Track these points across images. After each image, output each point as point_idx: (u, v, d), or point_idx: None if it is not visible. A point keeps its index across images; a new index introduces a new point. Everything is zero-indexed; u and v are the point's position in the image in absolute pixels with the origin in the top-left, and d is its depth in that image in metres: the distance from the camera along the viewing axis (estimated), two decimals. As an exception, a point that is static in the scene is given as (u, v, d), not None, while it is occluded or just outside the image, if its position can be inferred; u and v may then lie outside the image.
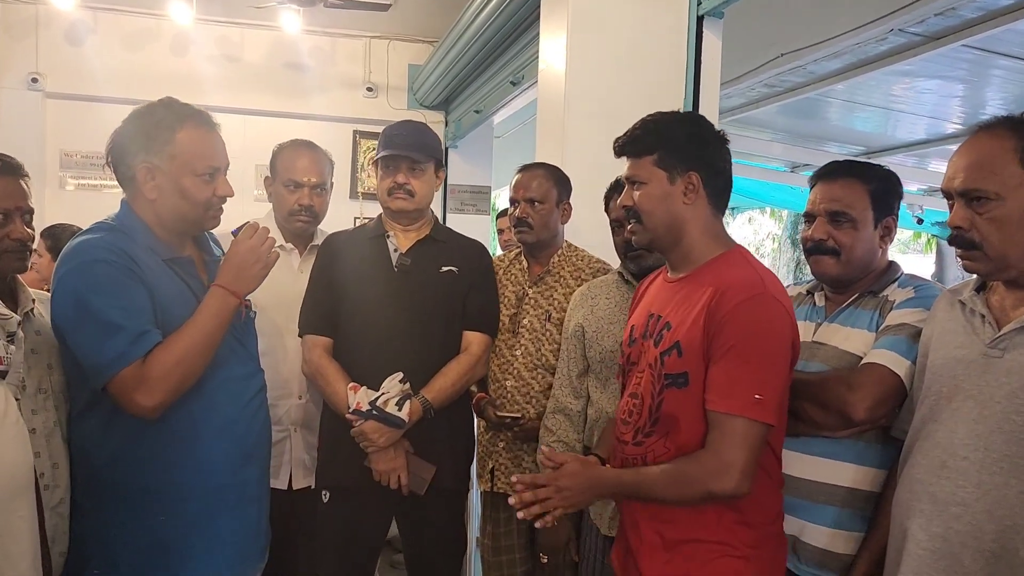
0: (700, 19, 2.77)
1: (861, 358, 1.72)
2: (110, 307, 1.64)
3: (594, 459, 1.76)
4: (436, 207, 5.47)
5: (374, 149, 5.52)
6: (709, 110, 2.82)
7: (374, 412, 2.13)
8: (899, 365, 1.64)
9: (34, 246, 1.85)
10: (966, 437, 1.39)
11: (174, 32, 4.98)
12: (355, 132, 5.50)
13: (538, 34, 3.12)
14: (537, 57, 3.12)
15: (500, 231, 4.13)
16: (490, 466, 2.46)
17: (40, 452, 1.71)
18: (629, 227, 1.74)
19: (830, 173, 1.85)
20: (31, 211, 1.77)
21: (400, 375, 2.18)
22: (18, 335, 1.41)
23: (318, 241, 2.53)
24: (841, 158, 2.01)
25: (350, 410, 2.15)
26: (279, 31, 4.94)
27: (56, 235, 3.11)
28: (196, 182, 1.77)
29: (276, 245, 2.48)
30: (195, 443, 1.77)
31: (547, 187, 2.40)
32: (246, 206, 2.63)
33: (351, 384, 2.19)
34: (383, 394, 2.15)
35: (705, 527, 1.57)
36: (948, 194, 1.46)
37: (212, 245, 2.02)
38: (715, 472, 1.49)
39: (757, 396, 1.49)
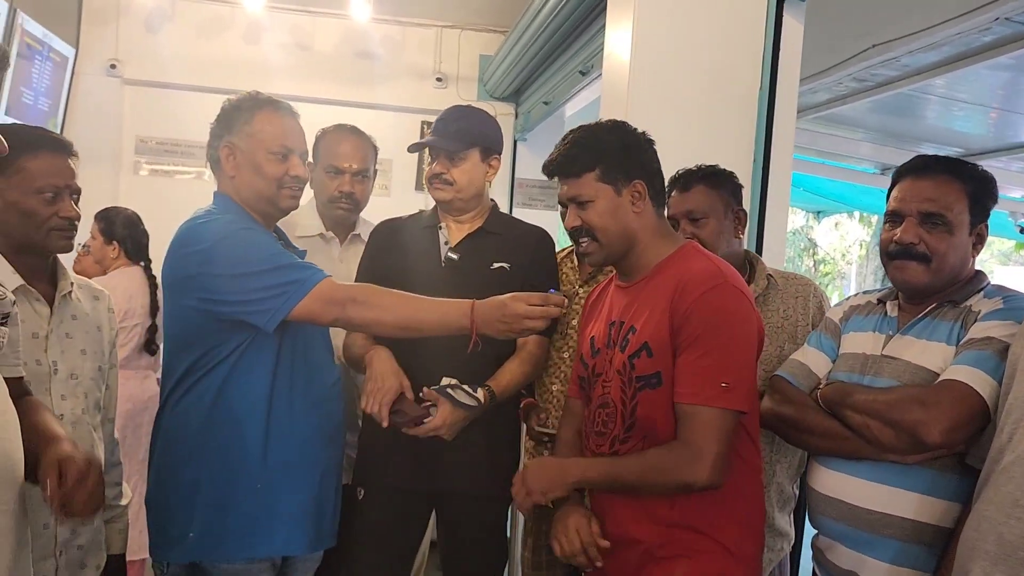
0: (780, 3, 2.56)
1: (938, 375, 1.53)
2: (275, 255, 1.81)
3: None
4: (503, 200, 5.38)
5: (442, 141, 5.50)
6: (787, 103, 2.61)
7: (442, 387, 1.98)
8: (983, 384, 1.45)
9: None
10: None
11: (247, 20, 5.02)
12: (423, 123, 5.42)
13: (607, 21, 2.96)
14: (605, 45, 2.96)
15: None
16: (534, 475, 2.34)
17: None
18: (582, 246, 1.70)
19: (923, 169, 1.65)
20: (79, 191, 1.77)
21: (454, 380, 2.03)
22: (13, 314, 1.36)
23: (359, 230, 2.46)
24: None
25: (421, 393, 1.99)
26: (350, 20, 4.91)
27: (109, 218, 3.12)
28: (269, 159, 1.86)
29: (316, 233, 2.46)
30: (291, 417, 1.86)
31: None
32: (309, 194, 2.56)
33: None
34: (448, 385, 2.01)
35: (694, 525, 1.58)
36: None
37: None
38: (688, 462, 1.51)
39: (724, 384, 1.51)
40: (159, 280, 2.56)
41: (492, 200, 2.30)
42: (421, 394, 1.97)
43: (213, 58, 5.06)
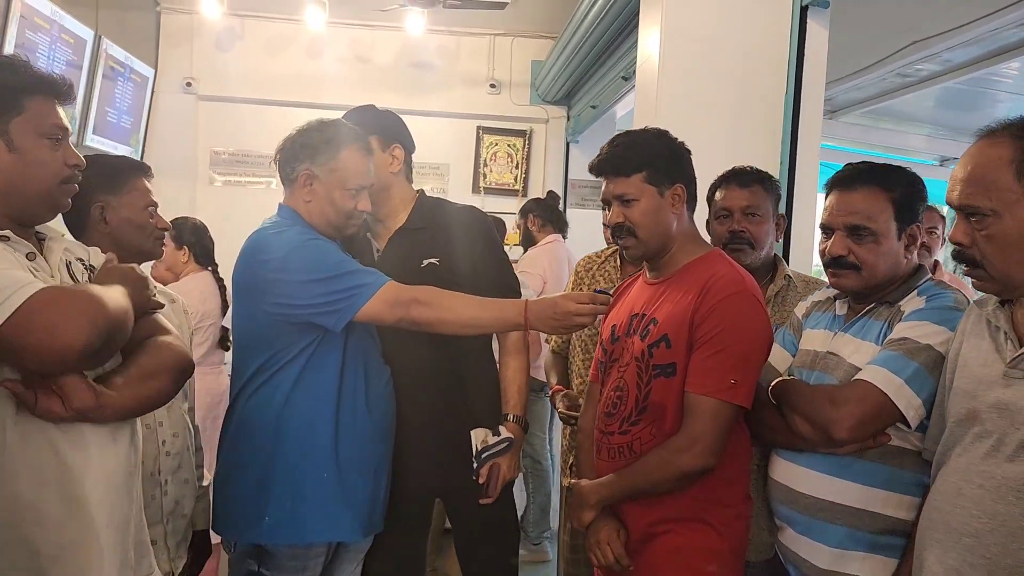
0: (804, 9, 2.65)
1: None
2: (342, 262, 1.92)
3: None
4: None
5: (496, 144, 5.68)
6: (812, 105, 2.70)
7: (484, 455, 2.11)
8: (888, 383, 1.52)
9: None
10: (982, 463, 1.28)
11: (310, 36, 5.29)
12: (479, 128, 5.64)
13: (644, 29, 3.09)
14: (646, 52, 3.08)
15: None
16: (571, 461, 2.47)
17: (163, 422, 1.93)
18: (622, 241, 1.83)
19: (847, 180, 1.68)
20: (156, 204, 1.97)
21: (481, 434, 2.15)
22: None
23: None
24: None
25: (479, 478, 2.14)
26: (407, 32, 5.13)
27: (178, 226, 3.34)
28: (344, 195, 1.99)
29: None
30: (355, 414, 1.98)
31: None
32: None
33: None
34: (475, 446, 2.13)
35: (679, 507, 1.71)
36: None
37: None
38: (682, 448, 1.65)
39: (733, 380, 1.63)
40: (227, 283, 2.78)
41: (419, 191, 2.28)
42: (478, 479, 2.11)
43: (279, 72, 5.36)
